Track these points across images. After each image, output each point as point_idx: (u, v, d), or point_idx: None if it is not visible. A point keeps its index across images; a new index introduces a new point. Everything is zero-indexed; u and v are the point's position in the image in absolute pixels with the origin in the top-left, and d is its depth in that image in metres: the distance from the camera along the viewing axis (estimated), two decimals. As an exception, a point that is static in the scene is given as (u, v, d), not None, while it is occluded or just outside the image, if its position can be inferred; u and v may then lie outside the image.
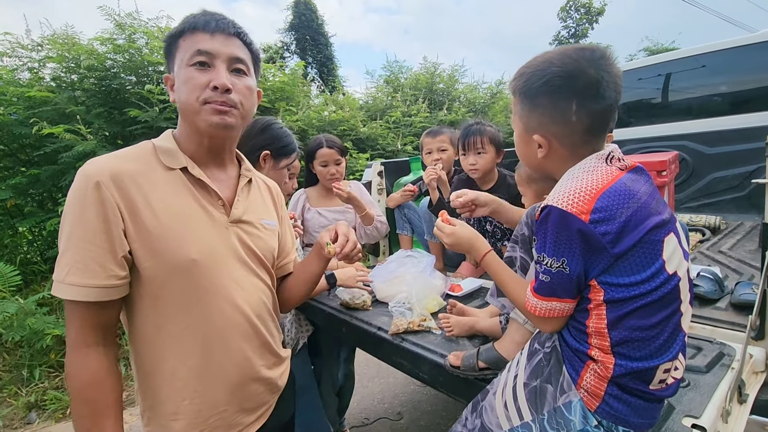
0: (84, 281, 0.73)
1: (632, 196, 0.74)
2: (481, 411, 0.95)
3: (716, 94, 3.74)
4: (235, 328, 0.87)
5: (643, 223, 0.73)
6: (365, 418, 2.32)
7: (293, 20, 15.60)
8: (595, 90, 0.78)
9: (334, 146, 1.92)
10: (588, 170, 0.78)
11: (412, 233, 2.19)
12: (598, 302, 0.75)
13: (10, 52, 3.53)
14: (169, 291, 0.80)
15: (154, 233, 0.78)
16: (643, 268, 0.73)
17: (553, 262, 0.76)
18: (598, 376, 0.76)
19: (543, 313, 0.80)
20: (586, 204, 0.72)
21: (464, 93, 7.82)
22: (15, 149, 3.55)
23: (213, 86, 0.81)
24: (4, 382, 2.63)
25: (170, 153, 0.85)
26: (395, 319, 1.35)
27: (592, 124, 0.80)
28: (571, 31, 18.76)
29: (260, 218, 0.97)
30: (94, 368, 0.75)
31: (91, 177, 0.74)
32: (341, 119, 5.20)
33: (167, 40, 0.87)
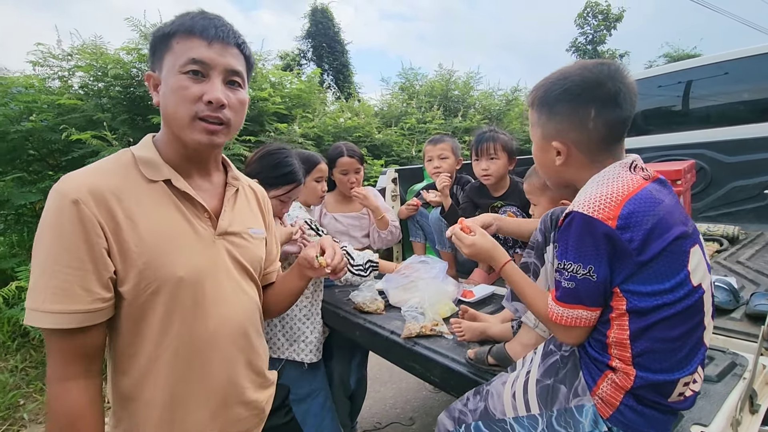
0: (65, 307, 0.67)
1: (657, 203, 0.74)
2: (486, 395, 0.96)
3: (737, 102, 3.68)
4: (219, 347, 0.82)
5: (668, 231, 0.73)
6: (377, 423, 2.34)
7: (310, 28, 15.83)
8: (614, 100, 0.81)
9: (354, 155, 1.96)
10: (612, 178, 0.79)
11: (425, 240, 2.22)
12: (621, 312, 0.75)
13: (42, 62, 3.70)
14: (151, 311, 0.75)
15: (138, 251, 0.72)
16: (667, 277, 0.72)
17: (579, 268, 0.76)
18: (616, 386, 0.76)
19: (568, 321, 0.79)
20: (612, 210, 0.73)
21: (479, 100, 7.82)
22: (45, 154, 3.71)
23: (207, 100, 0.75)
24: (31, 378, 2.74)
25: (152, 164, 0.78)
26: (408, 323, 1.38)
27: (609, 133, 0.82)
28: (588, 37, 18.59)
29: (247, 228, 0.91)
30: (74, 404, 0.69)
31: (68, 194, 0.68)
32: (356, 126, 5.26)
33: (156, 37, 0.79)
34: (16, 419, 2.46)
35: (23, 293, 2.86)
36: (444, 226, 2.01)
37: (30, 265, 0.71)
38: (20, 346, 2.96)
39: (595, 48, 18.38)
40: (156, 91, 0.80)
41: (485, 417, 0.94)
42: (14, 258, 3.37)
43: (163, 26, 0.79)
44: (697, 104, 3.90)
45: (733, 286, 1.35)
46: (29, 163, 3.75)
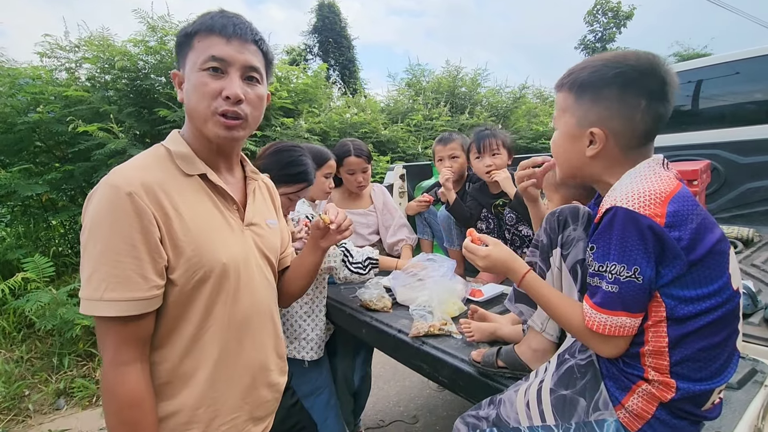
0: (125, 295, 0.70)
1: (696, 202, 0.72)
2: (499, 404, 0.94)
3: (751, 101, 3.61)
4: (251, 330, 0.88)
5: (711, 232, 0.70)
6: (380, 420, 2.33)
7: (317, 23, 15.78)
8: (664, 93, 0.77)
9: (362, 155, 1.93)
10: (650, 175, 0.75)
11: (432, 238, 2.19)
12: (658, 319, 0.71)
13: (49, 53, 3.70)
14: (198, 296, 0.79)
15: (186, 240, 0.77)
16: (712, 280, 0.69)
17: (623, 270, 0.70)
18: (650, 398, 0.73)
19: (611, 330, 0.73)
20: (658, 207, 0.68)
21: (486, 97, 7.76)
22: (51, 146, 3.72)
23: (225, 96, 0.79)
24: (36, 369, 2.75)
25: (188, 159, 0.83)
26: (416, 322, 1.36)
27: (652, 128, 0.78)
28: (598, 35, 18.40)
29: (265, 219, 0.98)
30: (134, 387, 0.72)
31: (122, 187, 0.71)
32: (362, 122, 5.24)
33: (180, 37, 0.84)
34: (21, 409, 2.47)
35: (29, 284, 2.87)
36: (452, 223, 1.98)
37: (82, 257, 0.73)
38: (26, 337, 2.97)
39: (604, 46, 18.18)
40: (180, 89, 0.84)
41: (498, 425, 0.92)
42: (20, 249, 3.39)
43: (186, 26, 0.83)
44: (709, 104, 3.84)
45: (751, 290, 1.32)
46: (36, 154, 3.76)
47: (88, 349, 2.93)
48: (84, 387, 2.62)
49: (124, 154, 3.20)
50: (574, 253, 0.93)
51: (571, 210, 0.97)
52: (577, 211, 0.96)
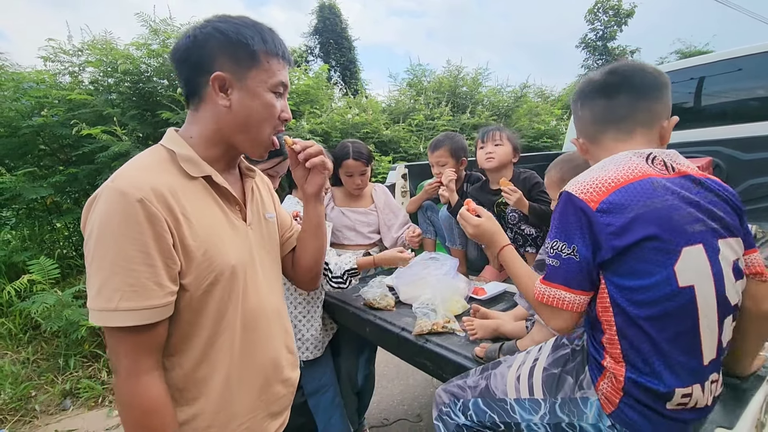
0: (141, 304, 0.69)
1: (654, 196, 0.73)
2: (489, 376, 0.98)
3: (753, 98, 3.60)
4: (263, 328, 0.88)
5: (655, 224, 0.71)
6: (385, 419, 2.33)
7: (317, 24, 15.80)
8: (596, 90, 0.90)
9: (360, 158, 1.91)
10: (615, 164, 0.79)
11: (435, 236, 2.20)
12: (605, 306, 0.76)
13: (53, 57, 3.72)
14: (210, 299, 0.79)
15: (195, 245, 0.76)
16: (647, 273, 0.71)
17: (564, 247, 0.77)
18: (613, 385, 0.76)
19: (550, 301, 0.79)
20: (598, 194, 0.74)
21: (488, 96, 7.76)
22: (55, 149, 3.74)
23: (285, 119, 0.85)
24: (42, 370, 2.77)
25: (192, 161, 0.81)
26: (419, 320, 1.37)
27: (595, 118, 0.90)
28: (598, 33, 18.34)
29: (264, 214, 0.98)
30: (154, 396, 0.71)
31: (132, 194, 0.69)
32: (364, 122, 5.25)
33: (243, 43, 0.78)
34: (28, 410, 2.49)
35: (35, 286, 2.89)
36: (454, 223, 1.99)
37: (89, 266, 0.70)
38: (32, 339, 2.99)
39: (605, 44, 18.13)
40: (226, 94, 0.80)
41: (485, 395, 0.95)
42: (26, 252, 3.41)
43: (245, 33, 0.79)
44: (711, 101, 3.83)
45: (753, 286, 1.32)
46: (40, 158, 3.79)
47: (94, 350, 2.95)
48: (90, 388, 2.64)
49: (128, 157, 3.20)
50: None
51: None
52: None
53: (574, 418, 0.80)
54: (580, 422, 0.80)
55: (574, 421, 0.81)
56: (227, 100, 0.80)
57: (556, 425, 0.83)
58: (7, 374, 2.61)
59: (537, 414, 0.85)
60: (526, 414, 0.87)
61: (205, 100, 0.81)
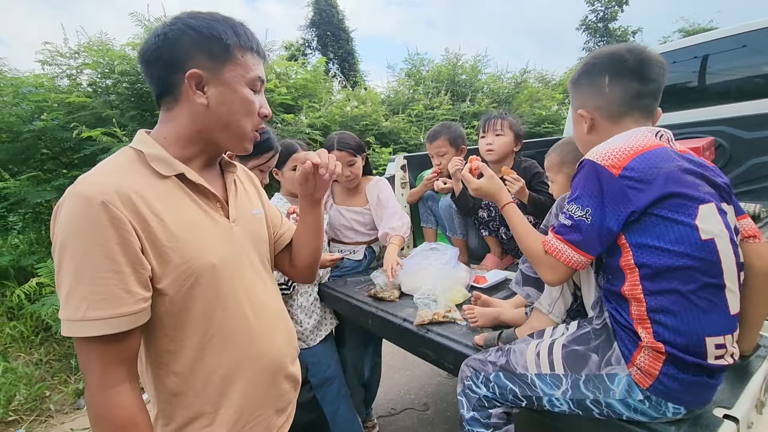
0: (111, 312, 0.65)
1: (670, 160, 0.79)
2: (509, 352, 0.99)
3: (756, 75, 3.54)
4: (259, 327, 0.85)
5: (674, 183, 0.77)
6: (392, 409, 2.36)
7: (314, 17, 15.69)
8: (626, 68, 0.91)
9: (345, 148, 1.84)
10: (631, 136, 0.85)
11: (436, 226, 2.20)
12: (630, 266, 0.79)
13: (50, 61, 3.73)
14: (193, 303, 0.75)
15: (170, 246, 0.72)
16: (672, 229, 0.76)
17: (578, 210, 0.82)
18: (652, 357, 0.77)
19: (552, 251, 0.86)
20: (620, 160, 0.79)
21: (487, 83, 7.69)
22: (57, 152, 3.77)
23: (264, 115, 0.84)
24: (55, 370, 2.82)
25: (162, 160, 0.77)
26: (420, 310, 1.38)
27: (625, 97, 0.91)
28: (599, 14, 18.03)
29: (250, 211, 0.94)
30: (127, 408, 0.68)
31: (94, 197, 0.65)
32: (363, 114, 5.23)
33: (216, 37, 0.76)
34: (43, 410, 2.55)
35: (44, 289, 2.94)
36: (454, 212, 1.99)
37: (57, 275, 0.68)
38: (43, 340, 3.04)
39: (606, 25, 17.82)
40: (202, 92, 0.77)
41: (506, 369, 0.96)
42: (33, 255, 3.45)
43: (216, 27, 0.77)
44: (715, 79, 3.77)
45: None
46: (43, 161, 3.82)
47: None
48: (102, 386, 2.69)
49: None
50: None
51: None
52: None
53: (600, 394, 0.82)
54: (606, 399, 0.81)
55: (600, 397, 0.82)
56: (204, 98, 0.77)
57: (579, 401, 0.85)
58: (21, 376, 2.67)
59: (558, 389, 0.87)
60: (548, 389, 0.89)
61: (179, 99, 0.78)
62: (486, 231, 1.93)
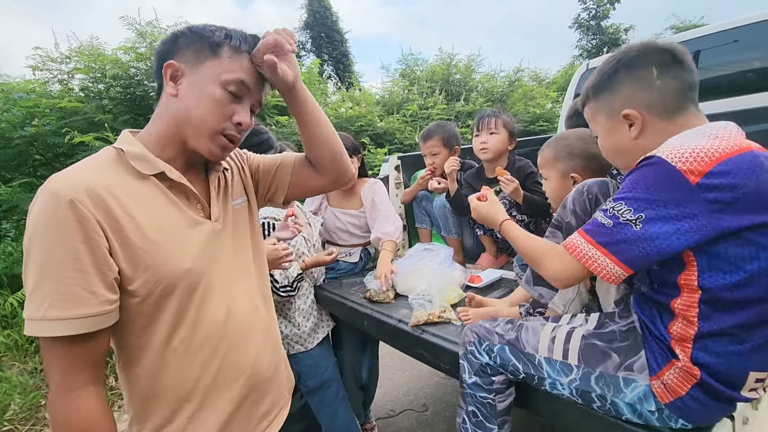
0: (70, 312, 0.63)
1: (762, 171, 0.64)
2: (520, 327, 0.95)
3: (749, 70, 3.56)
4: (239, 330, 0.83)
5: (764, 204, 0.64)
6: (391, 410, 2.35)
7: (308, 18, 15.68)
8: (671, 58, 0.79)
9: None
10: (716, 133, 0.70)
11: (431, 226, 2.19)
12: (691, 286, 0.69)
13: (41, 66, 3.71)
14: (165, 307, 0.74)
15: (143, 247, 0.70)
16: (754, 257, 0.65)
17: (627, 212, 0.68)
18: (683, 377, 0.72)
19: (579, 255, 0.73)
20: (701, 165, 0.64)
21: (481, 82, 7.70)
22: (50, 158, 3.74)
23: (237, 122, 0.78)
24: (50, 379, 2.80)
25: (143, 158, 0.75)
26: (415, 311, 1.37)
27: (679, 89, 0.78)
28: (591, 12, 18.09)
29: (230, 205, 0.90)
30: (88, 413, 0.66)
31: (63, 194, 0.64)
32: (358, 115, 5.23)
33: (199, 35, 0.77)
34: (39, 419, 2.52)
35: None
36: (448, 212, 1.98)
37: (23, 271, 0.66)
38: (38, 348, 3.01)
39: (598, 23, 17.88)
40: (174, 83, 0.77)
41: (514, 344, 0.93)
42: (27, 262, 3.42)
43: (212, 29, 0.78)
44: (707, 75, 3.79)
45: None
46: (35, 168, 3.79)
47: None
48: (98, 394, 2.67)
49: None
50: None
51: (599, 186, 0.97)
52: (607, 186, 0.97)
53: (608, 392, 0.79)
54: (613, 397, 0.79)
55: (608, 395, 0.79)
56: (175, 89, 0.76)
57: (584, 392, 0.82)
58: (15, 385, 2.64)
59: (566, 377, 0.84)
60: (554, 374, 0.86)
61: (161, 94, 0.79)
62: (481, 230, 1.93)
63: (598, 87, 0.87)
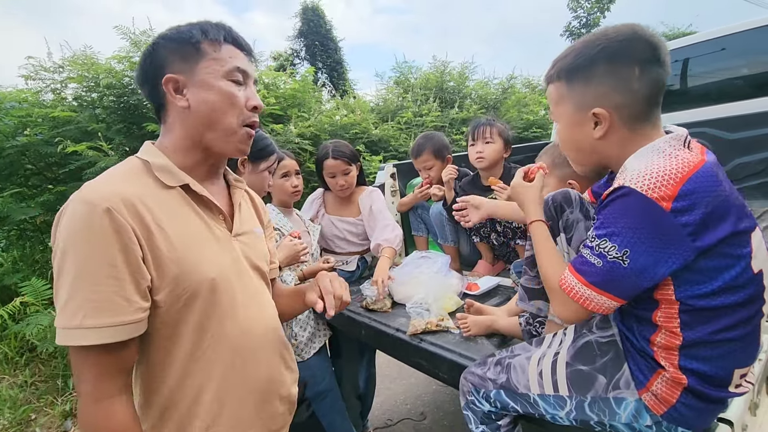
0: (108, 320, 0.64)
1: (717, 184, 0.67)
2: (509, 368, 0.94)
3: (737, 77, 3.62)
4: (255, 344, 0.84)
5: (732, 215, 0.66)
6: (388, 419, 2.33)
7: (302, 27, 15.74)
8: (656, 56, 0.74)
9: (340, 157, 1.83)
10: (668, 153, 0.70)
11: (427, 234, 2.19)
12: (669, 300, 0.69)
13: (33, 75, 3.68)
14: (189, 316, 0.75)
15: (171, 257, 0.71)
16: (729, 267, 0.66)
17: (612, 249, 0.68)
18: (670, 385, 0.72)
19: (575, 296, 0.73)
20: (669, 189, 0.64)
21: (475, 90, 7.76)
22: (42, 168, 3.70)
23: (253, 106, 0.79)
24: (41, 392, 2.74)
25: (168, 170, 0.77)
26: (413, 319, 1.36)
27: (652, 93, 0.75)
28: (582, 20, 18.38)
29: (252, 228, 0.93)
30: (122, 422, 0.67)
31: (99, 203, 0.65)
32: (353, 123, 5.23)
33: (185, 41, 0.77)
34: (29, 434, 2.47)
35: (27, 308, 2.86)
36: (445, 219, 1.99)
37: (56, 282, 0.67)
38: (28, 361, 2.96)
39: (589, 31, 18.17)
40: (182, 95, 0.78)
41: (507, 388, 0.92)
42: (17, 273, 3.37)
43: (185, 30, 0.78)
44: (696, 82, 3.85)
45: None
46: (27, 177, 3.74)
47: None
48: (90, 407, 2.62)
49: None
50: (577, 235, 0.96)
51: (563, 195, 1.00)
52: (569, 195, 0.99)
53: (605, 417, 0.77)
54: (611, 422, 0.77)
55: (605, 420, 0.78)
56: (185, 100, 0.77)
57: (582, 421, 0.81)
58: (5, 398, 2.59)
59: (563, 410, 0.83)
60: (551, 409, 0.85)
61: (168, 108, 0.80)
62: (477, 237, 1.93)
63: (572, 70, 0.80)
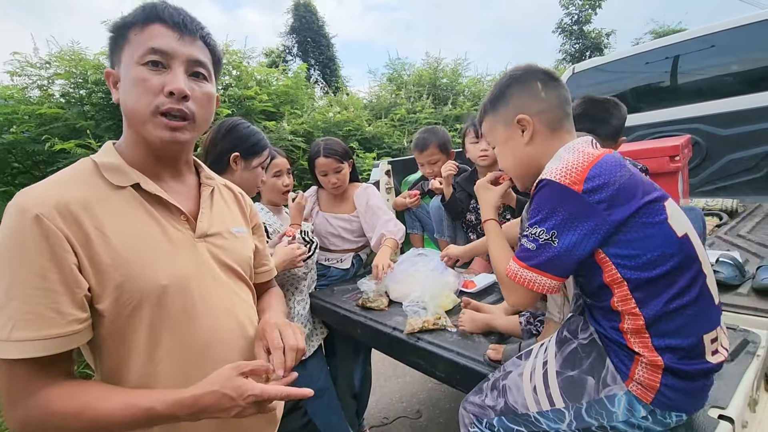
0: (37, 333, 0.60)
1: (623, 165, 0.78)
2: (504, 390, 0.94)
3: (728, 74, 3.65)
4: (218, 353, 0.78)
5: (640, 189, 0.75)
6: (384, 418, 2.32)
7: (294, 23, 15.64)
8: (548, 78, 0.92)
9: (331, 154, 1.82)
10: (577, 150, 0.82)
11: (422, 231, 2.18)
12: (616, 281, 0.75)
13: (19, 71, 3.60)
14: (137, 325, 0.70)
15: (113, 264, 0.67)
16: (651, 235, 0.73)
17: (542, 233, 0.78)
18: (651, 368, 0.74)
19: (520, 280, 0.81)
20: (578, 174, 0.75)
21: (468, 87, 7.76)
22: (29, 166, 3.62)
23: (168, 91, 0.71)
24: None
25: (116, 169, 0.73)
26: (410, 318, 1.35)
27: (559, 104, 0.90)
28: (574, 17, 18.44)
29: (229, 228, 0.88)
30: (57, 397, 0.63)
31: (29, 210, 0.62)
32: (346, 120, 5.20)
33: (114, 30, 0.74)
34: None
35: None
36: (444, 214, 1.98)
37: None
38: None
39: (581, 28, 18.22)
40: (116, 89, 0.76)
41: (507, 412, 0.92)
42: (5, 274, 3.31)
43: (121, 17, 0.75)
44: (687, 78, 3.87)
45: (738, 261, 1.33)
46: (14, 176, 3.67)
47: (84, 371, 2.87)
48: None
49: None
50: None
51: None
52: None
53: (603, 420, 0.78)
54: (609, 423, 0.78)
55: (604, 422, 0.79)
56: (117, 94, 0.76)
57: (585, 430, 0.82)
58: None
59: (563, 422, 0.84)
60: (553, 424, 0.85)
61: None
62: (474, 234, 1.93)
63: (494, 100, 0.96)
